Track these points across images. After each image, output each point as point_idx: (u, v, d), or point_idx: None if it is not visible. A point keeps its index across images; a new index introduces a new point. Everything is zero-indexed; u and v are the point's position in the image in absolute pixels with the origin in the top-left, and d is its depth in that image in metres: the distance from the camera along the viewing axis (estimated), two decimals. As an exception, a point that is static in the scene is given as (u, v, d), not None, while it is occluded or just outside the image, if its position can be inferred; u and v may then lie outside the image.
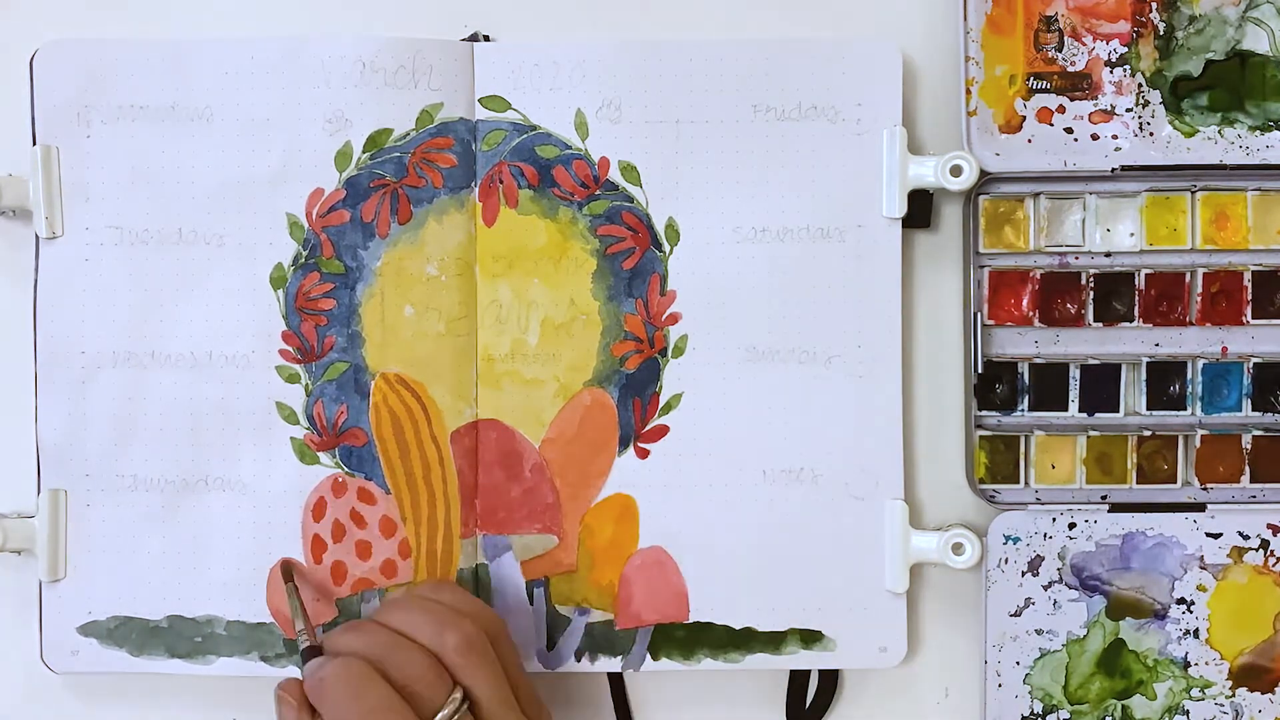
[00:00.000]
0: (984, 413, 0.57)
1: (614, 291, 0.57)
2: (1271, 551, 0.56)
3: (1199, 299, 0.56)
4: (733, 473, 0.57)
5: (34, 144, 0.56)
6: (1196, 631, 0.56)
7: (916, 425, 0.58)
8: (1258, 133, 0.56)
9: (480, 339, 0.57)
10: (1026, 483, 0.57)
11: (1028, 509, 0.56)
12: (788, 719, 0.59)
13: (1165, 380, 0.56)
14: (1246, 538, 0.56)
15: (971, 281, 0.56)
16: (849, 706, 0.59)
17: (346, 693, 0.48)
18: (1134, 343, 0.57)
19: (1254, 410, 0.56)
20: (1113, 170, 0.56)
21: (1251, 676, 0.57)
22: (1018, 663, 0.57)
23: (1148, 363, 0.56)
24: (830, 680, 0.58)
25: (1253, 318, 0.56)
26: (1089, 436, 0.56)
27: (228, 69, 0.56)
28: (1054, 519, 0.56)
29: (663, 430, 0.57)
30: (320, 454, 0.56)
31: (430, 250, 0.56)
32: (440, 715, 0.47)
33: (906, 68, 0.57)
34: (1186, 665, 0.57)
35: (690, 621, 0.57)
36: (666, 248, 0.57)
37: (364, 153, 0.56)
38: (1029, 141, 0.56)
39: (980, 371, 0.56)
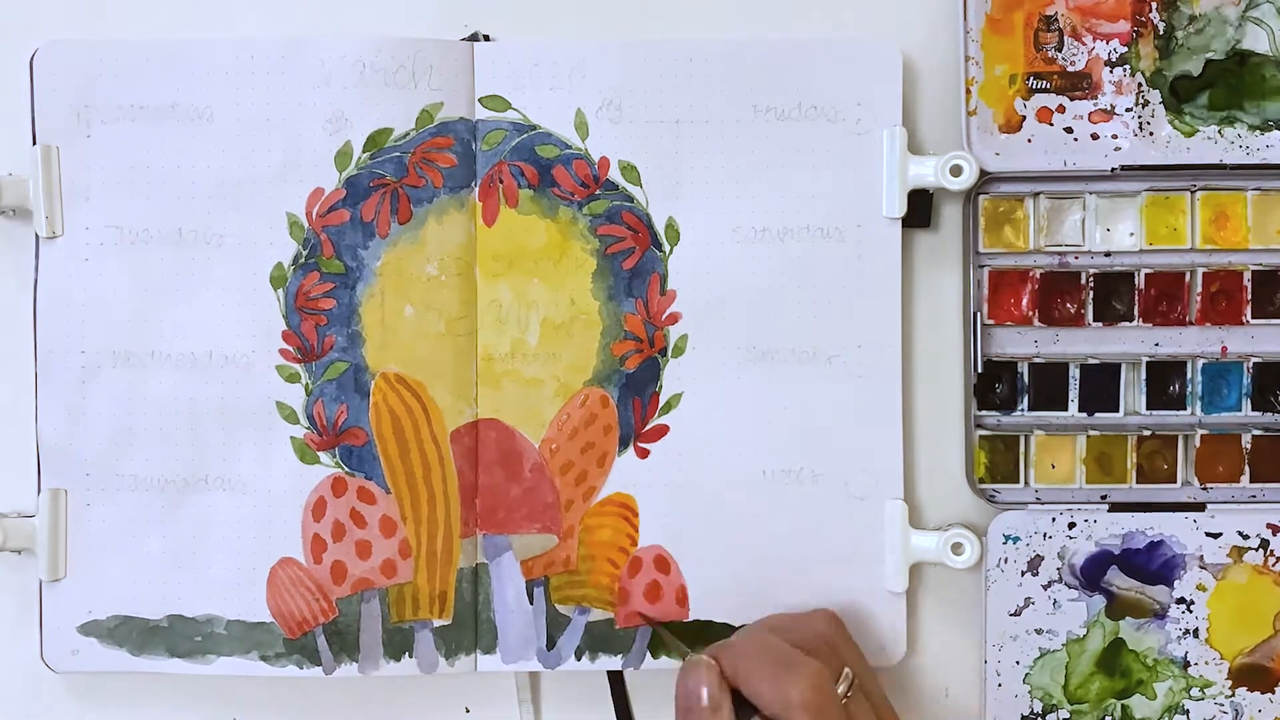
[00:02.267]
0: (984, 412, 0.57)
1: (614, 291, 0.57)
2: (1271, 551, 0.56)
3: (1199, 299, 0.56)
4: (733, 473, 0.57)
5: (34, 144, 0.56)
6: (1196, 631, 0.56)
7: (916, 425, 0.58)
8: (1257, 133, 0.56)
9: (480, 339, 0.57)
10: (1026, 482, 0.57)
11: (1027, 509, 0.56)
12: (788, 719, 0.59)
13: (1165, 380, 0.56)
14: (1246, 537, 0.56)
15: (971, 281, 0.56)
16: (849, 706, 0.59)
17: (755, 651, 0.48)
18: (1134, 342, 0.57)
19: (1254, 410, 0.56)
20: (1112, 170, 0.56)
21: (1251, 676, 0.57)
22: (1018, 662, 0.57)
23: (1148, 362, 0.56)
24: (830, 680, 0.58)
25: (1252, 317, 0.56)
26: (1089, 436, 0.56)
27: (228, 69, 0.56)
28: (1054, 519, 0.56)
29: (663, 430, 0.57)
30: (320, 454, 0.56)
31: (430, 250, 0.56)
32: (839, 689, 0.48)
33: (906, 68, 0.57)
34: (1186, 665, 0.57)
35: (690, 621, 0.57)
36: (666, 248, 0.57)
37: (364, 152, 0.56)
38: (1029, 141, 0.56)
39: (980, 371, 0.56)
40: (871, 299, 0.57)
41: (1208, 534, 0.56)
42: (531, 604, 0.57)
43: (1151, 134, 0.56)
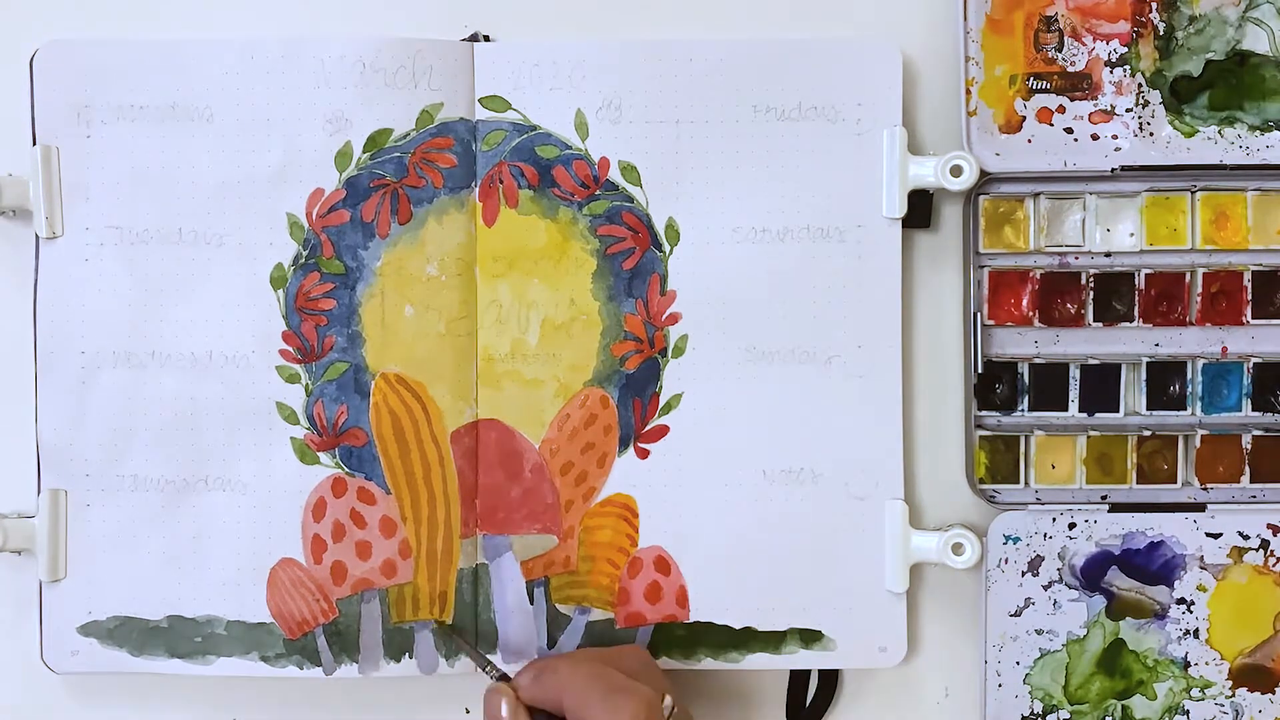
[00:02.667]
0: (984, 413, 0.57)
1: (614, 291, 0.57)
2: (1271, 551, 0.56)
3: (1199, 299, 0.56)
4: (733, 473, 0.57)
5: (34, 144, 0.56)
6: (1196, 631, 0.56)
7: (916, 425, 0.58)
8: (1258, 133, 0.56)
9: (480, 339, 0.57)
10: (1026, 483, 0.57)
11: (1028, 509, 0.56)
12: (788, 719, 0.59)
13: (1165, 380, 0.56)
14: (1246, 538, 0.56)
15: (971, 281, 0.56)
16: (849, 706, 0.59)
17: (582, 677, 0.49)
18: (1134, 343, 0.57)
19: (1254, 410, 0.56)
20: (1113, 170, 0.56)
21: (1251, 677, 0.57)
22: (1018, 663, 0.57)
23: (1148, 363, 0.56)
24: (830, 680, 0.58)
25: (1253, 318, 0.56)
26: (1089, 436, 0.56)
27: (228, 69, 0.56)
28: (1054, 519, 0.56)
29: (663, 430, 0.57)
30: (320, 454, 0.56)
31: (430, 250, 0.56)
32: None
33: (906, 68, 0.57)
34: (1186, 665, 0.57)
35: (690, 621, 0.57)
36: (666, 248, 0.57)
37: (364, 153, 0.56)
38: (1029, 141, 0.56)
39: (980, 371, 0.56)
40: (871, 299, 0.56)
41: (1208, 534, 0.56)
42: (532, 604, 0.57)
43: (1151, 134, 0.56)
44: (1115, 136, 0.56)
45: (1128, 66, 0.56)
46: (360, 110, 0.56)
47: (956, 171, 0.55)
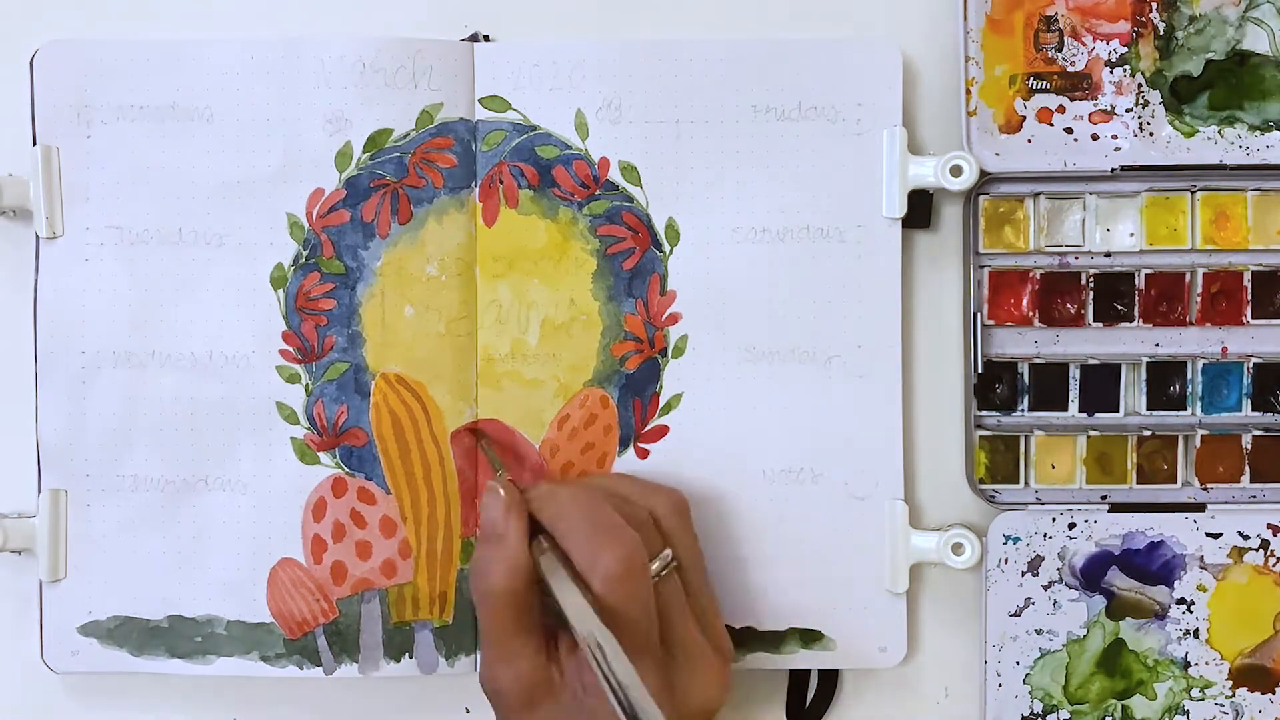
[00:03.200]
0: (984, 413, 0.57)
1: (614, 291, 0.57)
2: (1271, 551, 0.56)
3: (1199, 299, 0.56)
4: (733, 473, 0.57)
5: (34, 144, 0.56)
6: (1196, 631, 0.56)
7: (916, 425, 0.58)
8: (1258, 133, 0.56)
9: (480, 339, 0.57)
10: (1026, 483, 0.57)
11: (1028, 509, 0.56)
12: (788, 719, 0.59)
13: (1165, 380, 0.56)
14: (1246, 538, 0.56)
15: (971, 281, 0.56)
16: (849, 706, 0.59)
17: (582, 508, 0.49)
18: (1134, 343, 0.57)
19: (1254, 410, 0.56)
20: (1112, 170, 0.56)
21: (1252, 677, 0.57)
22: (1018, 663, 0.57)
23: (1148, 363, 0.56)
24: (830, 680, 0.58)
25: (1253, 318, 0.56)
26: (1089, 436, 0.56)
27: (227, 69, 0.56)
28: (1054, 519, 0.56)
29: (663, 430, 0.57)
30: (320, 454, 0.56)
31: (430, 250, 0.56)
32: (653, 566, 0.49)
33: (906, 68, 0.57)
34: (1186, 665, 0.57)
35: (690, 621, 0.57)
36: (666, 248, 0.57)
37: (364, 153, 0.56)
38: (1029, 141, 0.56)
39: (980, 371, 0.56)
40: (871, 299, 0.57)
41: (1208, 534, 0.56)
42: (531, 604, 0.57)
43: (1151, 134, 0.56)
44: (1115, 136, 0.56)
45: (1128, 66, 0.56)
46: (360, 110, 0.56)
47: (956, 171, 0.55)
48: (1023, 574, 0.56)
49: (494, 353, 0.57)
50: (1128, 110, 0.56)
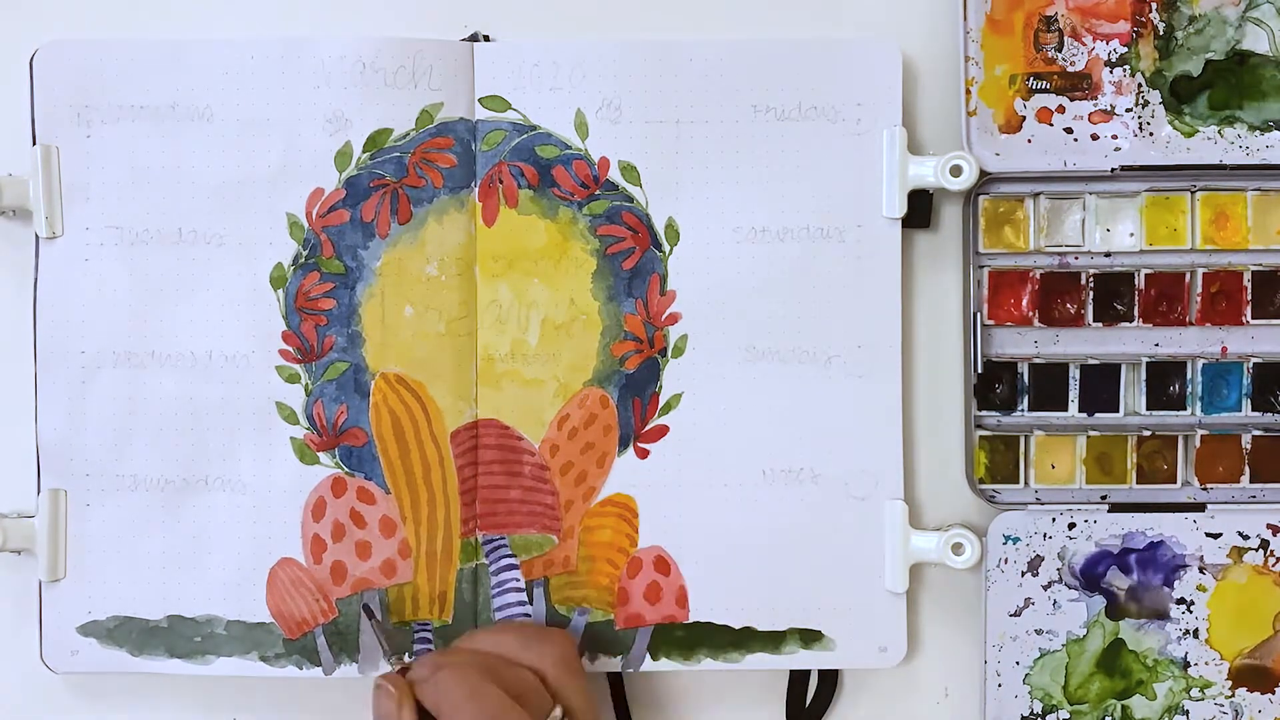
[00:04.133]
0: (984, 413, 0.57)
1: (614, 291, 0.57)
2: (1271, 551, 0.56)
3: (1199, 299, 0.56)
4: (733, 473, 0.57)
5: (34, 144, 0.56)
6: (1196, 631, 0.56)
7: (916, 425, 0.58)
8: (1257, 133, 0.56)
9: (480, 339, 0.57)
10: (1026, 483, 0.57)
11: (1027, 509, 0.56)
12: (788, 719, 0.59)
13: (1165, 380, 0.56)
14: (1246, 538, 0.56)
15: (971, 281, 0.56)
16: (849, 706, 0.59)
17: (463, 692, 0.48)
18: (1134, 343, 0.57)
19: (1254, 410, 0.56)
20: (1112, 170, 0.56)
21: (1251, 677, 0.57)
22: (1018, 663, 0.57)
23: (1148, 363, 0.56)
24: (830, 680, 0.58)
25: (1253, 318, 0.56)
26: (1089, 436, 0.56)
27: (228, 69, 0.56)
28: (1054, 519, 0.56)
29: (663, 430, 0.57)
30: (320, 454, 0.56)
31: (430, 250, 0.56)
32: None
33: (906, 68, 0.57)
34: (1186, 665, 0.57)
35: (690, 621, 0.57)
36: (666, 248, 0.57)
37: (364, 153, 0.56)
38: (1029, 141, 0.56)
39: (980, 371, 0.56)
40: (871, 299, 0.57)
41: (1208, 534, 0.56)
42: (531, 604, 0.57)
43: (1151, 134, 0.56)
44: (1115, 136, 0.56)
45: (1127, 66, 0.56)
46: (360, 110, 0.56)
47: (956, 171, 0.55)
48: (1022, 574, 0.56)
49: (494, 353, 0.57)
50: (1128, 110, 0.56)
